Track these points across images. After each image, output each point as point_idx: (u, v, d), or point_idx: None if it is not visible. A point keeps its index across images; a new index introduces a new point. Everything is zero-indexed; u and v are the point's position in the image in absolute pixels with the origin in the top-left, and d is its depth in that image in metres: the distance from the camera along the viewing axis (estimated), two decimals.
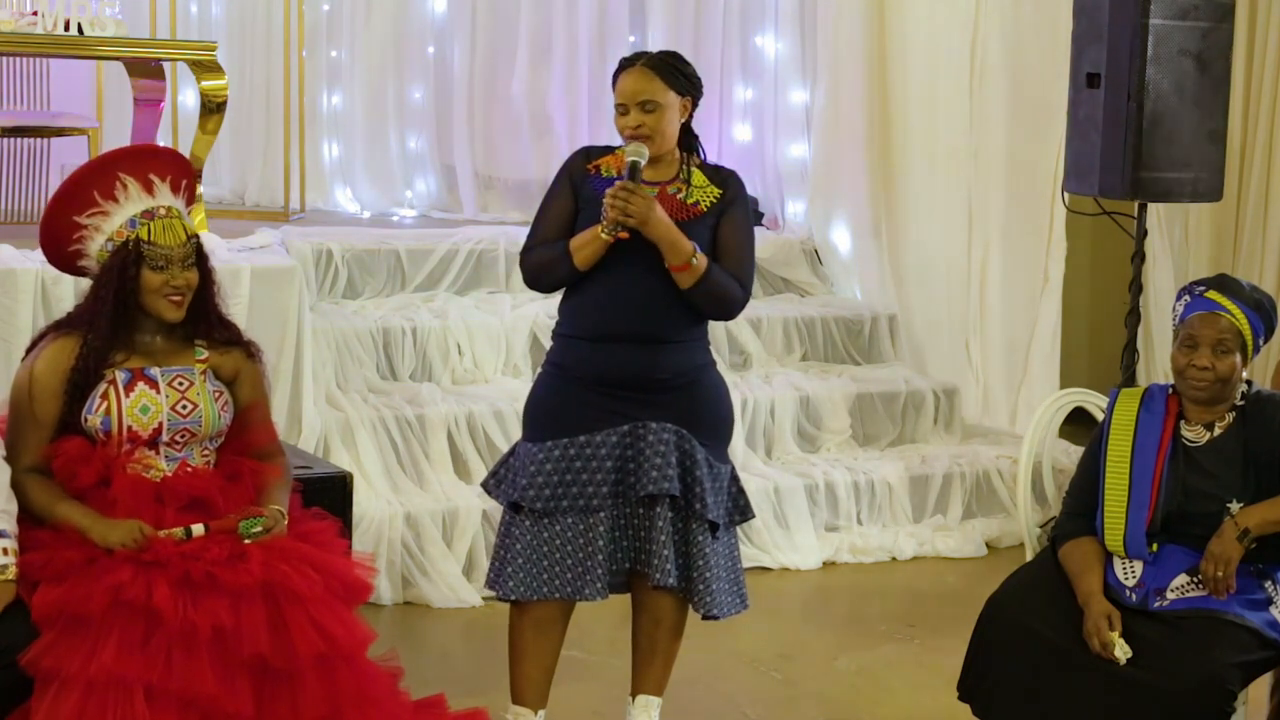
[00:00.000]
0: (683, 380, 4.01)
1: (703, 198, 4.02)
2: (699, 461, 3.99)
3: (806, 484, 6.37)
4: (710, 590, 4.02)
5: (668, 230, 3.89)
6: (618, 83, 3.99)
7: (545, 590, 3.98)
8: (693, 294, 3.95)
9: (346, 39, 8.42)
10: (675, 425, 3.97)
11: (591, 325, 3.99)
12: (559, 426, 3.98)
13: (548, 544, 3.97)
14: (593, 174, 4.04)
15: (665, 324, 3.97)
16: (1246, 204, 7.38)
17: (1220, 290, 3.89)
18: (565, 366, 4.03)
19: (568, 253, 3.95)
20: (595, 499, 3.95)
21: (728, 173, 4.12)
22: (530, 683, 4.08)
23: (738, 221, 4.05)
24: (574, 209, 4.03)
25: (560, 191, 4.06)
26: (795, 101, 7.70)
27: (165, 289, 3.63)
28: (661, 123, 3.95)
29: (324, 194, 8.32)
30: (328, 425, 5.79)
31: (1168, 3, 5.92)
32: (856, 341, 7.18)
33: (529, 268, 4.06)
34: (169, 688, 3.28)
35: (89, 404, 3.59)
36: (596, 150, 4.12)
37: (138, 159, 3.75)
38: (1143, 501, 3.84)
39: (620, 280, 3.94)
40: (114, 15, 6.26)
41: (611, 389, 3.96)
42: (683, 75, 4.00)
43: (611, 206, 3.85)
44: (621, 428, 3.96)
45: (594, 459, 3.96)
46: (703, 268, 3.92)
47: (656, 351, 3.97)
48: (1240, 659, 3.63)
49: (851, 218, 7.42)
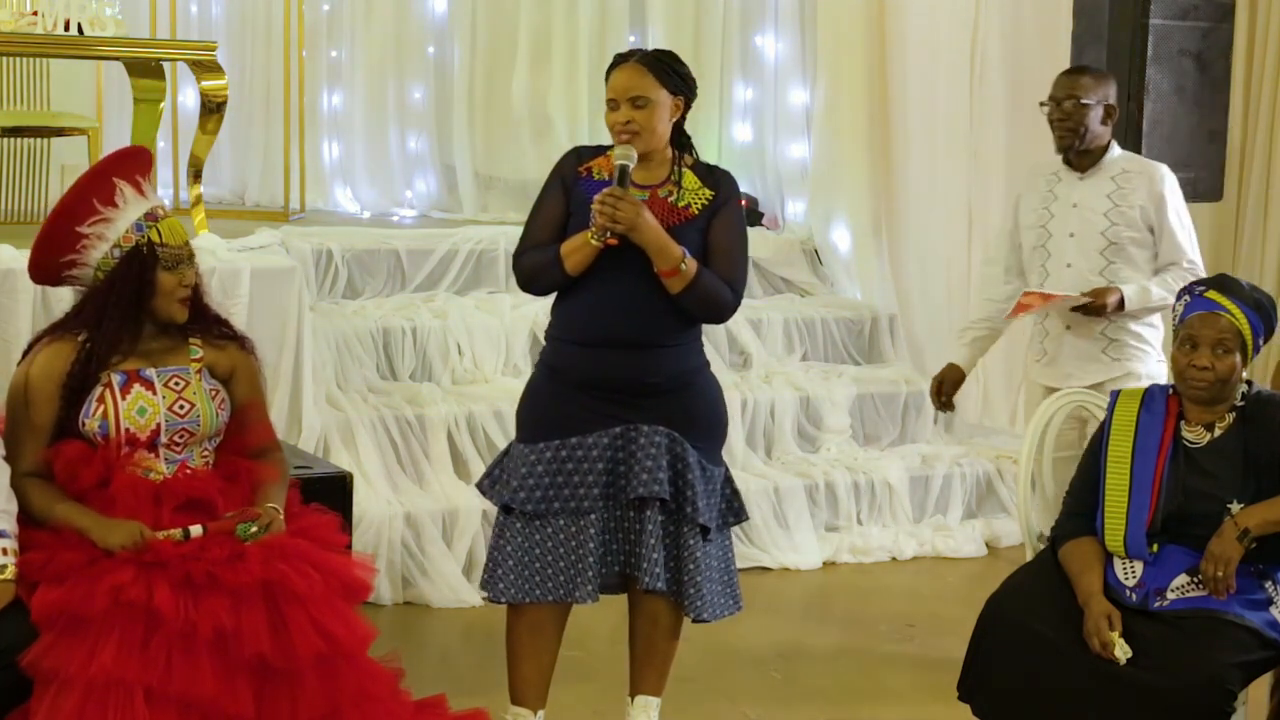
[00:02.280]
0: (675, 383, 3.99)
1: (694, 200, 4.00)
2: (691, 464, 3.98)
3: (807, 484, 6.37)
4: (700, 594, 4.00)
5: (656, 236, 3.87)
6: (610, 78, 3.98)
7: (538, 593, 3.97)
8: (683, 299, 3.93)
9: (347, 39, 8.43)
10: (667, 428, 3.96)
11: (582, 329, 3.97)
12: (551, 428, 3.97)
13: (539, 546, 3.97)
14: (584, 176, 4.02)
15: (657, 328, 3.96)
16: (1246, 203, 7.37)
17: (1220, 290, 3.89)
18: (557, 369, 4.02)
19: (559, 258, 3.94)
20: (586, 501, 3.94)
21: (721, 173, 4.10)
22: (528, 684, 4.08)
23: (730, 224, 4.02)
24: (566, 211, 4.01)
25: (552, 193, 4.05)
26: (795, 101, 7.70)
27: (178, 290, 3.64)
28: (651, 119, 3.93)
29: (324, 194, 8.34)
30: (328, 425, 5.79)
31: (1168, 3, 5.93)
32: (857, 341, 7.18)
33: (522, 271, 4.05)
34: (169, 689, 3.28)
35: (85, 408, 3.59)
36: (588, 151, 4.10)
37: (123, 162, 3.74)
38: (1143, 502, 3.84)
39: (611, 285, 3.92)
40: (114, 15, 6.26)
41: (604, 392, 3.95)
42: (676, 74, 3.98)
43: (599, 213, 3.84)
44: (613, 430, 3.95)
45: (585, 461, 3.95)
46: (692, 273, 3.90)
47: (648, 356, 3.96)
48: (1240, 659, 3.63)
49: (852, 217, 7.42)
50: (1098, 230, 4.86)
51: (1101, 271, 4.87)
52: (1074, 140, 4.88)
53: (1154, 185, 4.88)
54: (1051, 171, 5.01)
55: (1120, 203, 4.86)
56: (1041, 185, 5.01)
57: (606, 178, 3.96)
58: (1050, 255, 4.93)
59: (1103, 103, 4.87)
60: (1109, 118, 4.90)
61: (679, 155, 4.05)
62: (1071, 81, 4.92)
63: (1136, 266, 4.87)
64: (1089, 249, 4.89)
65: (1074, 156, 4.92)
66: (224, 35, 8.04)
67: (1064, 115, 4.88)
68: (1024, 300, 4.90)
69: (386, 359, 6.27)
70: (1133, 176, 4.90)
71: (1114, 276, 4.86)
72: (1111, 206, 4.87)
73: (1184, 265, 4.85)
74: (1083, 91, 4.87)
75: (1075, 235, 4.90)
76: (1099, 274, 4.87)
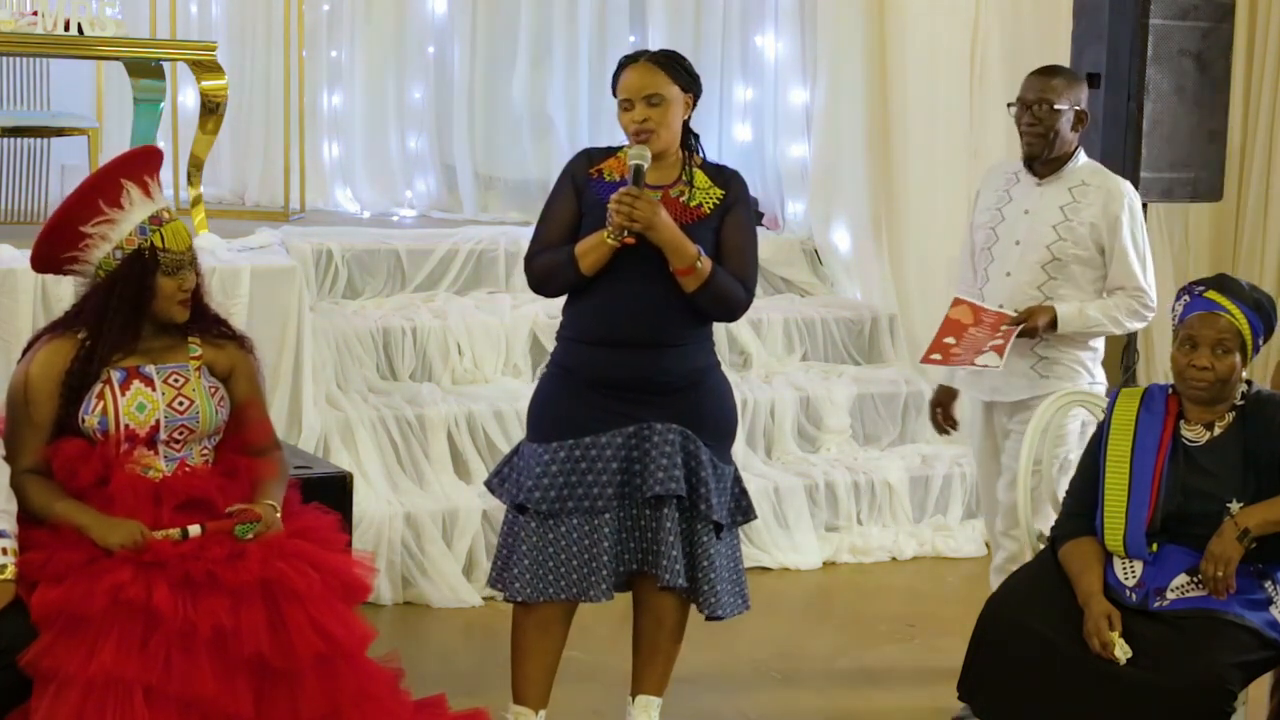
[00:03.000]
0: (687, 382, 4.01)
1: (705, 200, 4.01)
2: (704, 462, 4.00)
3: (807, 484, 6.38)
4: (715, 591, 4.03)
5: (673, 234, 3.89)
6: (620, 79, 3.99)
7: (551, 591, 3.98)
8: (697, 297, 3.95)
9: (347, 39, 8.42)
10: (680, 426, 3.97)
11: (595, 329, 3.99)
12: (564, 428, 3.98)
13: (553, 545, 3.97)
14: (595, 178, 4.03)
15: (669, 328, 3.98)
16: (1246, 204, 7.38)
17: (1219, 290, 3.89)
18: (570, 369, 4.03)
19: (573, 259, 3.95)
20: (600, 500, 3.95)
21: (730, 173, 4.12)
22: (532, 683, 4.08)
23: (741, 223, 4.05)
24: (578, 213, 4.02)
25: (563, 195, 4.05)
26: (795, 101, 7.70)
27: (178, 294, 3.65)
28: (667, 117, 3.95)
29: (324, 194, 8.32)
30: (328, 425, 5.79)
31: (1168, 3, 5.93)
32: (857, 341, 7.18)
33: (535, 273, 4.05)
34: (168, 688, 3.29)
35: (85, 405, 3.60)
36: (598, 153, 4.11)
37: (133, 163, 3.75)
38: (1143, 501, 3.84)
39: (624, 285, 3.94)
40: (114, 15, 6.27)
41: (616, 391, 3.97)
42: (685, 71, 4.00)
43: (617, 212, 3.85)
44: (627, 429, 3.96)
45: (599, 460, 3.96)
46: (707, 271, 3.92)
47: (660, 355, 3.97)
48: (1240, 659, 3.63)
49: (852, 218, 7.42)
50: (1043, 243, 4.57)
51: (1040, 286, 4.60)
52: (1043, 147, 4.59)
53: (1110, 204, 4.58)
54: (1011, 171, 4.74)
55: (1071, 217, 4.56)
56: (999, 184, 4.74)
57: (618, 179, 3.98)
58: (993, 260, 4.67)
59: (1074, 107, 4.58)
60: (1079, 124, 4.61)
61: (688, 155, 4.06)
62: (1043, 83, 4.59)
63: (1078, 286, 4.60)
64: (1030, 261, 4.61)
65: (1038, 164, 4.63)
66: (224, 35, 8.02)
67: (1034, 120, 4.58)
68: (951, 314, 4.68)
69: (386, 359, 6.27)
70: (1090, 191, 4.60)
71: (1052, 293, 4.59)
72: (1061, 220, 4.58)
73: (1131, 291, 4.59)
74: (1055, 95, 4.56)
75: (1021, 244, 4.63)
76: (1037, 288, 4.60)
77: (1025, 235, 4.62)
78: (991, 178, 4.82)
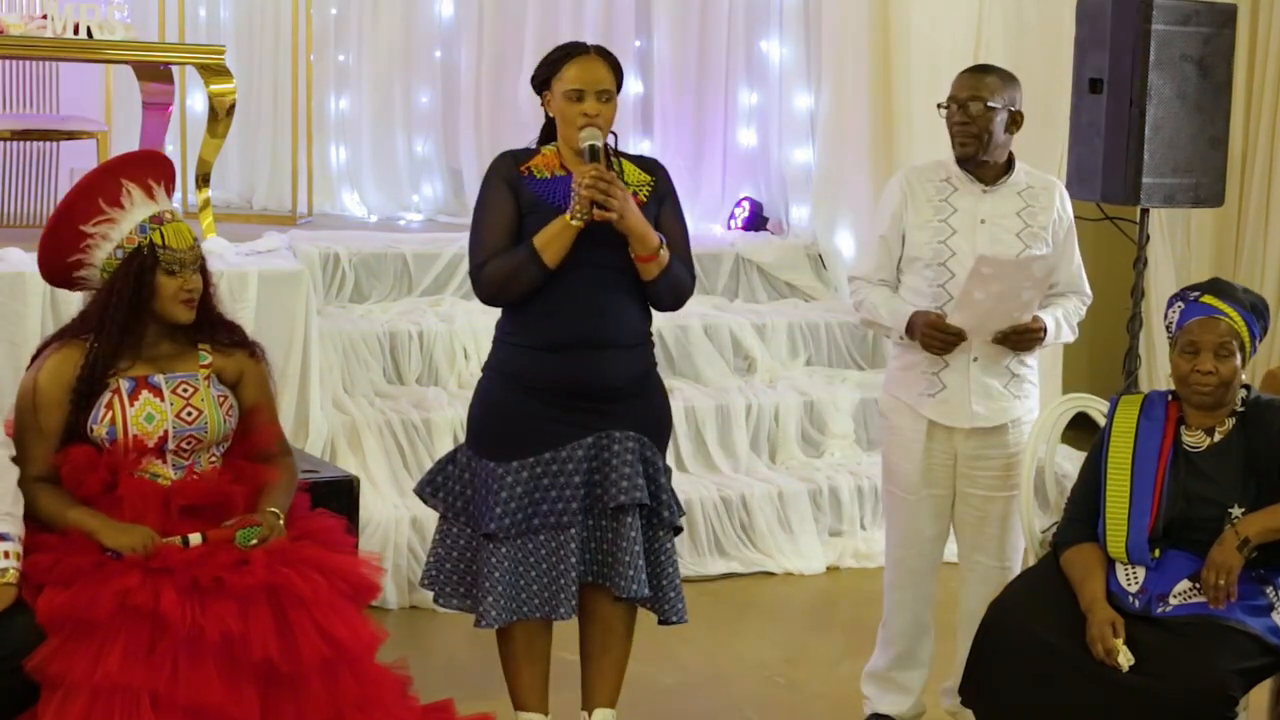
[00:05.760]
0: (637, 386, 3.97)
1: (639, 188, 3.97)
2: (660, 468, 3.98)
3: (810, 489, 6.38)
4: (671, 597, 4.01)
5: (639, 219, 3.85)
6: (568, 70, 3.89)
7: (525, 610, 3.93)
8: (656, 284, 3.91)
9: (354, 43, 8.44)
10: (636, 433, 3.94)
11: (545, 333, 3.89)
12: (524, 446, 3.90)
13: (523, 564, 3.91)
14: (527, 176, 3.94)
15: (618, 328, 3.91)
16: (1248, 209, 7.39)
17: (1216, 294, 3.91)
18: (519, 377, 3.94)
19: (535, 253, 3.82)
20: (566, 515, 3.89)
21: (652, 161, 4.10)
22: (531, 689, 4.07)
23: (676, 210, 4.03)
24: (517, 214, 3.91)
25: (498, 199, 3.92)
26: (800, 106, 7.71)
27: (180, 294, 3.66)
28: (612, 114, 3.92)
29: (331, 198, 8.34)
30: (334, 429, 5.81)
31: (1170, 8, 5.93)
32: (860, 346, 7.18)
33: (489, 282, 3.89)
34: (175, 694, 3.29)
35: (94, 414, 3.61)
36: (521, 153, 4.01)
37: (137, 165, 3.76)
38: (1144, 508, 3.85)
39: (569, 285, 3.86)
40: (123, 19, 6.30)
41: (572, 400, 3.90)
42: (619, 69, 3.98)
43: (592, 189, 3.76)
44: (586, 440, 3.90)
45: (562, 474, 3.90)
46: (667, 258, 3.89)
47: (611, 358, 3.91)
48: (1242, 665, 3.65)
49: (856, 222, 7.43)
50: (1011, 253, 4.24)
51: None
52: (976, 148, 4.28)
53: (1061, 205, 4.37)
54: (943, 178, 4.38)
55: (1031, 222, 4.31)
56: (932, 193, 4.36)
57: (549, 176, 3.92)
58: (953, 275, 4.24)
59: (1008, 108, 4.30)
60: (1014, 125, 4.33)
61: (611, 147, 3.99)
62: (976, 81, 4.32)
63: None
64: None
65: (974, 167, 4.33)
66: (232, 39, 8.05)
67: (967, 119, 4.29)
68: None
69: (393, 363, 6.29)
70: (1039, 193, 4.35)
71: None
72: (1024, 226, 4.30)
73: (1083, 297, 4.41)
74: (988, 93, 4.27)
75: None
76: None
77: (989, 247, 4.26)
78: (917, 185, 4.40)
